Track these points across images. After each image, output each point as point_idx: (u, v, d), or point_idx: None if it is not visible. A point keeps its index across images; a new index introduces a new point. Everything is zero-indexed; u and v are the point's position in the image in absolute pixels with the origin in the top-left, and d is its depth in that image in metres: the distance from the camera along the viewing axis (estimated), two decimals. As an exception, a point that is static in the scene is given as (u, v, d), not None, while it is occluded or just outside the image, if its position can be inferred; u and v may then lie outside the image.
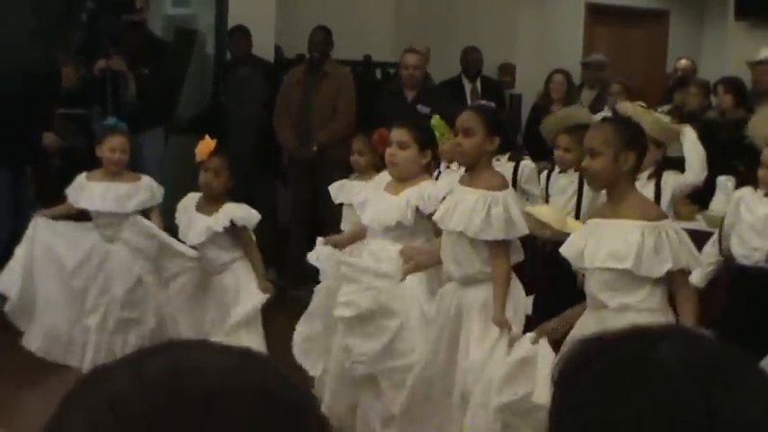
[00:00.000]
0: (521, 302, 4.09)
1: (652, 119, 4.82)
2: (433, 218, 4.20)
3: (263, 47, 7.91)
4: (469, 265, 4.04)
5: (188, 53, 8.24)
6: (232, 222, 4.88)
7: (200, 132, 7.99)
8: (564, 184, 5.54)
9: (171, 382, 0.80)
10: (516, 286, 4.10)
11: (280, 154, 7.81)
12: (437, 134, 4.75)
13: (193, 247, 5.02)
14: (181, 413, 0.77)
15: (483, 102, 4.72)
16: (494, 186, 4.00)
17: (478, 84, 8.64)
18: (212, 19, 8.21)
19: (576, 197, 5.50)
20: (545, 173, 5.77)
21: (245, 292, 4.91)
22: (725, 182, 6.05)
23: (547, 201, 5.69)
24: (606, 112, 7.53)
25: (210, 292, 5.06)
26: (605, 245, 3.57)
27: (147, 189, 5.18)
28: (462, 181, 4.16)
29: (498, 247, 4.00)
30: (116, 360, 0.85)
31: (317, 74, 7.47)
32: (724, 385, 0.96)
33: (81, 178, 5.20)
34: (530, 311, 4.08)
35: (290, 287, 6.69)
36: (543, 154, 6.13)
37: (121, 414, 0.78)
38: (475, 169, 4.09)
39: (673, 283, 3.59)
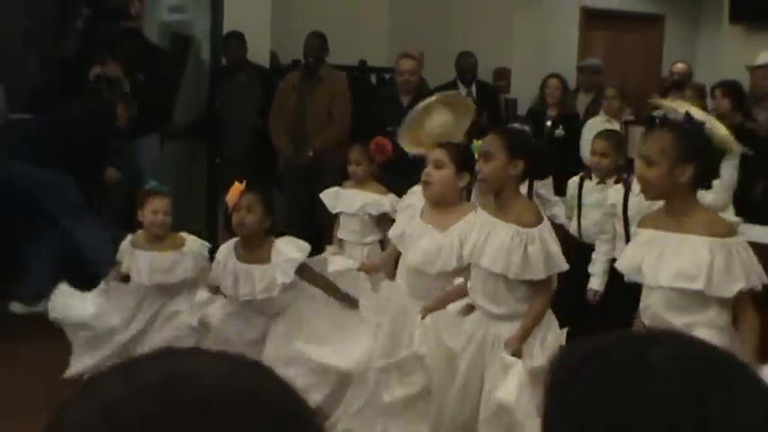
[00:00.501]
0: (553, 336, 3.85)
1: (723, 131, 4.51)
2: (464, 253, 3.97)
3: (258, 53, 7.92)
4: (506, 305, 3.82)
5: (183, 59, 8.25)
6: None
7: (196, 138, 8.06)
8: (600, 198, 5.14)
9: (165, 388, 0.80)
10: (551, 320, 3.89)
11: (275, 159, 7.80)
12: (476, 157, 4.33)
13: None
14: (175, 419, 0.77)
15: (515, 124, 4.40)
16: (528, 222, 3.73)
17: (474, 88, 8.63)
18: (208, 25, 8.23)
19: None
20: (576, 180, 5.40)
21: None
22: (720, 186, 6.04)
23: (579, 213, 5.33)
24: (602, 116, 7.56)
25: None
26: (671, 262, 3.36)
27: (191, 257, 4.96)
28: (489, 209, 3.91)
29: (540, 284, 3.78)
30: (111, 367, 0.85)
31: (313, 79, 7.47)
32: (719, 388, 0.96)
33: (126, 245, 5.03)
34: (563, 342, 3.82)
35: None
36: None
37: (115, 420, 0.78)
38: (502, 197, 3.83)
39: (737, 302, 3.37)
